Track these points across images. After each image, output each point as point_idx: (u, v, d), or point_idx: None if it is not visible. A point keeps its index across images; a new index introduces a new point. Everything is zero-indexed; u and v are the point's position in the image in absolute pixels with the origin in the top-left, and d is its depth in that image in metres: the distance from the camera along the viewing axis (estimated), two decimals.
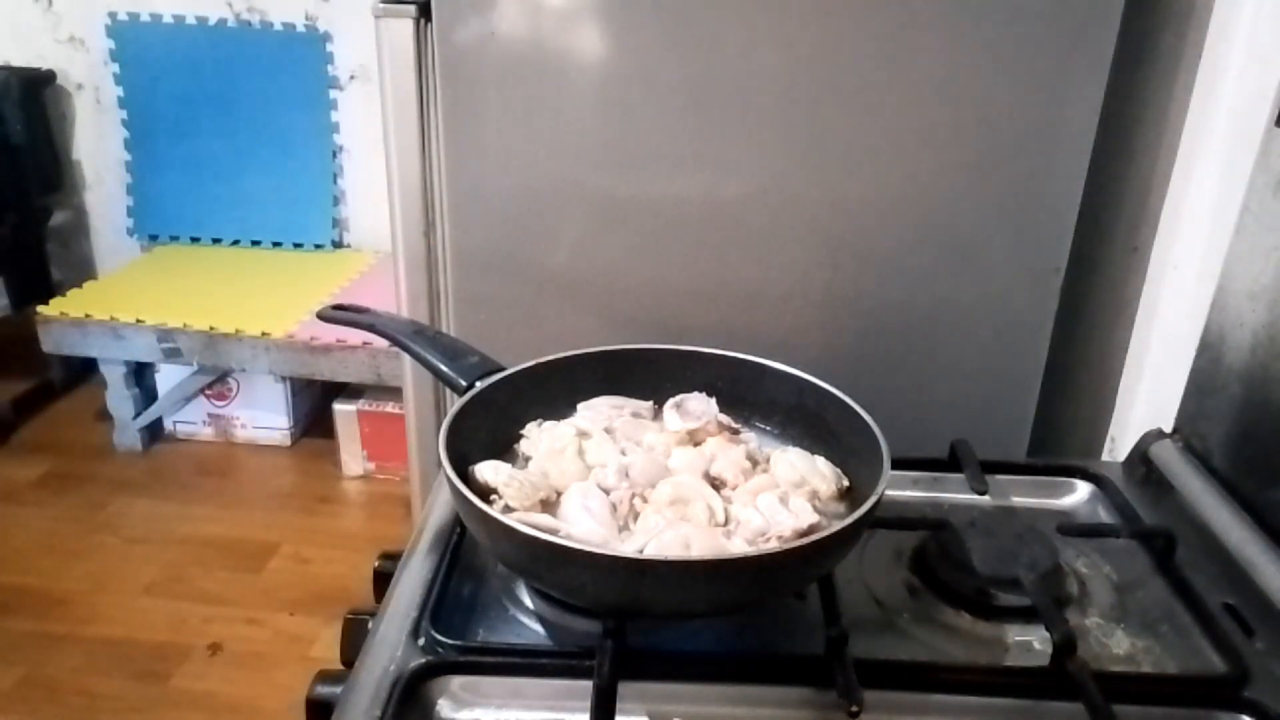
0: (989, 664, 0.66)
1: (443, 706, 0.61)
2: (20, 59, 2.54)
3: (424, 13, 0.98)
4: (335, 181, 2.55)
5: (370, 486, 2.32)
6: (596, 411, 0.79)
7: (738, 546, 0.63)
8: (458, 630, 0.65)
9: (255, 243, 2.61)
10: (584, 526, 0.65)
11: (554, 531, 0.62)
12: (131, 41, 2.50)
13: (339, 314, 0.84)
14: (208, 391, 2.41)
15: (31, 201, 2.53)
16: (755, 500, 0.67)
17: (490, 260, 1.06)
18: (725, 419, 0.77)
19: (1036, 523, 0.77)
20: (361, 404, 2.28)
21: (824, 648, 0.61)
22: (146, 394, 2.41)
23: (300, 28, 2.45)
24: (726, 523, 0.66)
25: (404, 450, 1.21)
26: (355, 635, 0.68)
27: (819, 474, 0.71)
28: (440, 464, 0.65)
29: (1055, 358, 1.07)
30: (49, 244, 2.63)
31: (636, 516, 0.67)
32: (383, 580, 0.73)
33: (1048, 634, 0.63)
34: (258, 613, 1.87)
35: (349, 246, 2.62)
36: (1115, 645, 0.68)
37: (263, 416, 2.43)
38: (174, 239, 2.64)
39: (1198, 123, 0.97)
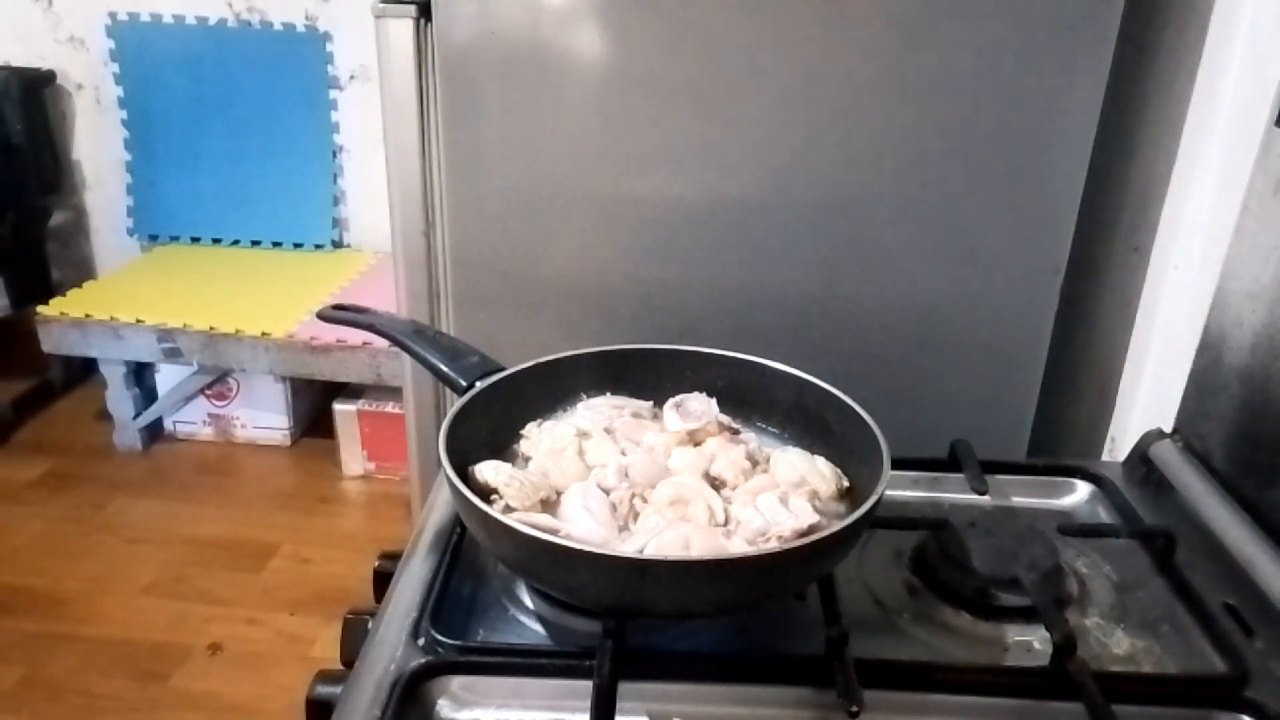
0: (989, 664, 0.66)
1: (443, 706, 0.61)
2: (20, 59, 2.54)
3: (424, 13, 0.98)
4: (335, 181, 2.55)
5: (370, 486, 2.32)
6: (596, 411, 0.79)
7: (738, 546, 0.63)
8: (458, 630, 0.65)
9: (255, 243, 2.61)
10: (584, 526, 0.65)
11: (554, 531, 0.61)
12: (131, 41, 2.50)
13: (339, 314, 0.84)
14: (208, 391, 2.41)
15: (31, 201, 2.53)
16: (755, 500, 0.67)
17: (490, 260, 1.06)
18: (725, 419, 0.77)
19: (1036, 523, 0.77)
20: (361, 404, 2.29)
21: (824, 648, 0.61)
22: (146, 394, 2.41)
23: (300, 28, 2.45)
24: (726, 523, 0.66)
25: (404, 450, 1.21)
26: (355, 635, 0.68)
27: (819, 474, 0.71)
28: (440, 464, 0.65)
29: (1055, 358, 1.07)
30: (49, 244, 2.63)
31: (636, 516, 0.67)
32: (383, 580, 0.73)
33: (1048, 634, 0.63)
34: (258, 613, 1.87)
35: (349, 246, 2.62)
36: (1115, 645, 0.68)
37: (263, 416, 2.43)
38: (174, 239, 2.64)
39: (1198, 123, 0.97)
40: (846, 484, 0.72)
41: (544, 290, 1.06)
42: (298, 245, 2.59)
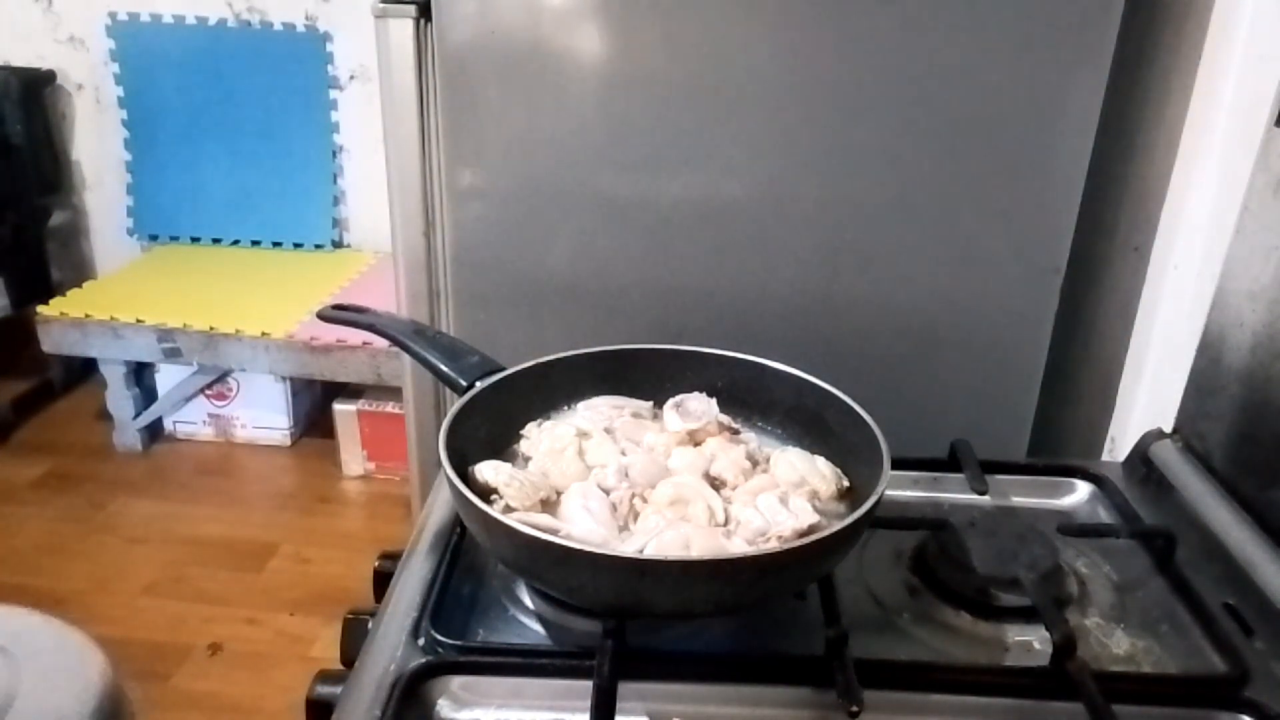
0: (989, 664, 0.66)
1: (443, 706, 0.61)
2: (20, 59, 2.54)
3: (424, 13, 0.98)
4: (335, 181, 2.55)
5: (370, 486, 2.32)
6: (596, 411, 0.79)
7: (738, 546, 0.63)
8: (458, 630, 0.65)
9: (255, 243, 2.61)
10: (584, 526, 0.65)
11: (554, 531, 0.61)
12: (131, 41, 2.50)
13: (339, 314, 0.84)
14: (208, 391, 2.41)
15: (31, 201, 2.53)
16: (755, 500, 0.67)
17: (490, 260, 1.06)
18: (725, 419, 0.77)
19: (1036, 523, 0.77)
20: (361, 404, 2.29)
21: (824, 648, 0.61)
22: (146, 394, 2.41)
23: (300, 28, 2.45)
24: (726, 523, 0.66)
25: (404, 450, 1.21)
26: (355, 635, 0.68)
27: (819, 474, 0.71)
28: (440, 464, 0.65)
29: (1055, 358, 1.07)
30: (49, 244, 2.63)
31: (636, 516, 0.67)
32: (383, 580, 0.73)
33: (1048, 634, 0.63)
34: (258, 613, 1.87)
35: (349, 246, 2.62)
36: (1115, 645, 0.68)
37: (263, 416, 2.43)
38: (174, 239, 2.64)
39: (1198, 123, 0.97)
40: (846, 484, 0.72)
41: (544, 290, 1.06)
42: (298, 245, 2.59)
